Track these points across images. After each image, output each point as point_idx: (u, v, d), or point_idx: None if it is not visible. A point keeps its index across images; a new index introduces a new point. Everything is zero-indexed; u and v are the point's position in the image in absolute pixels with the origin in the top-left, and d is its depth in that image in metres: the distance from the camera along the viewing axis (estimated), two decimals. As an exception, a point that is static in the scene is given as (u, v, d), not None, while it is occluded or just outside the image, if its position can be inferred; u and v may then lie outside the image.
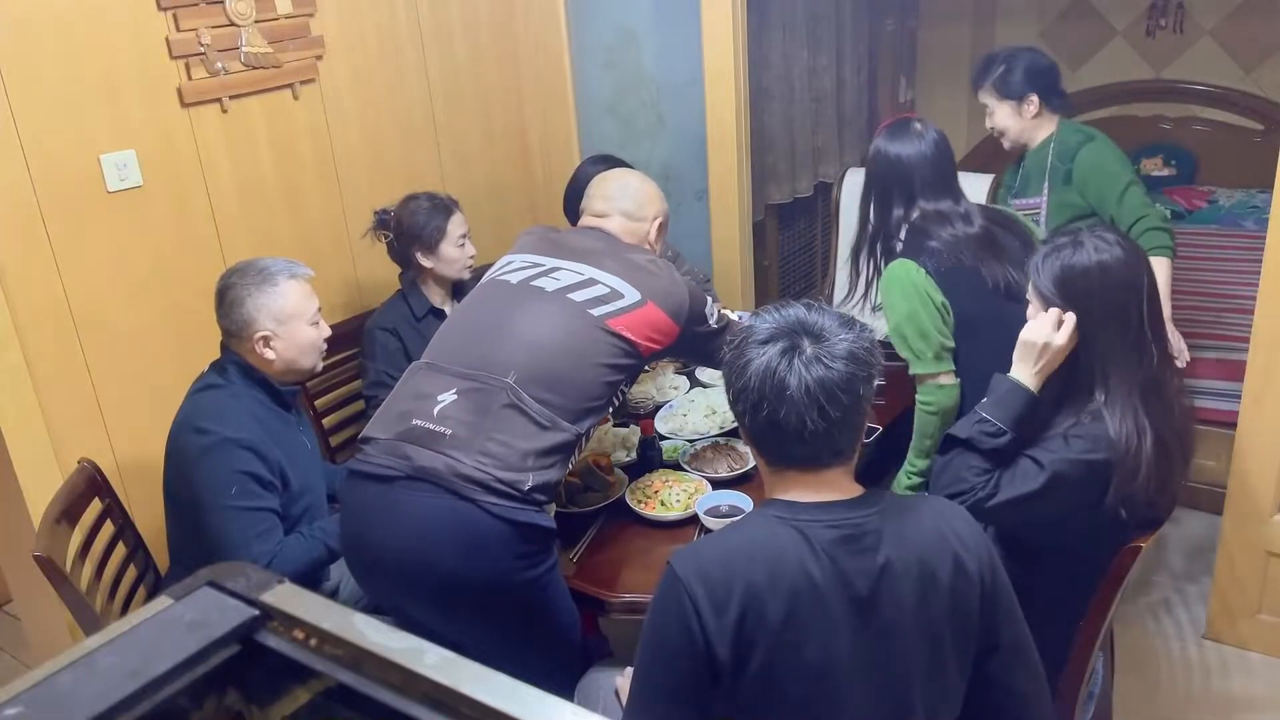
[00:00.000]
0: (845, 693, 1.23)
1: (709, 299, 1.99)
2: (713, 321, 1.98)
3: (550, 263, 1.89)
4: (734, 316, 2.46)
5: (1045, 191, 2.67)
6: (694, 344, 1.98)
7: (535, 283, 1.85)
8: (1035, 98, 2.64)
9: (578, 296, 1.81)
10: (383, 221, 2.57)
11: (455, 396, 1.72)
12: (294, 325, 1.95)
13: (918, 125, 2.16)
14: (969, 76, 2.84)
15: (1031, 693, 1.35)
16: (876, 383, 2.35)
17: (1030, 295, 1.76)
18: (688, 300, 1.89)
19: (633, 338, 1.81)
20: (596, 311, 1.79)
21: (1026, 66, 2.64)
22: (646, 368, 2.66)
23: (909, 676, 1.26)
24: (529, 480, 1.65)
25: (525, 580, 1.68)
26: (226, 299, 1.93)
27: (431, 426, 1.70)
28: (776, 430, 1.25)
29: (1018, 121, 2.67)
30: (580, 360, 1.76)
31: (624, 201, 2.03)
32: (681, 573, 1.23)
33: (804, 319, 1.28)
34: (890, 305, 2.08)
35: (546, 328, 1.78)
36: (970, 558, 1.28)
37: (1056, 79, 2.69)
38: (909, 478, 2.13)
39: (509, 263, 1.95)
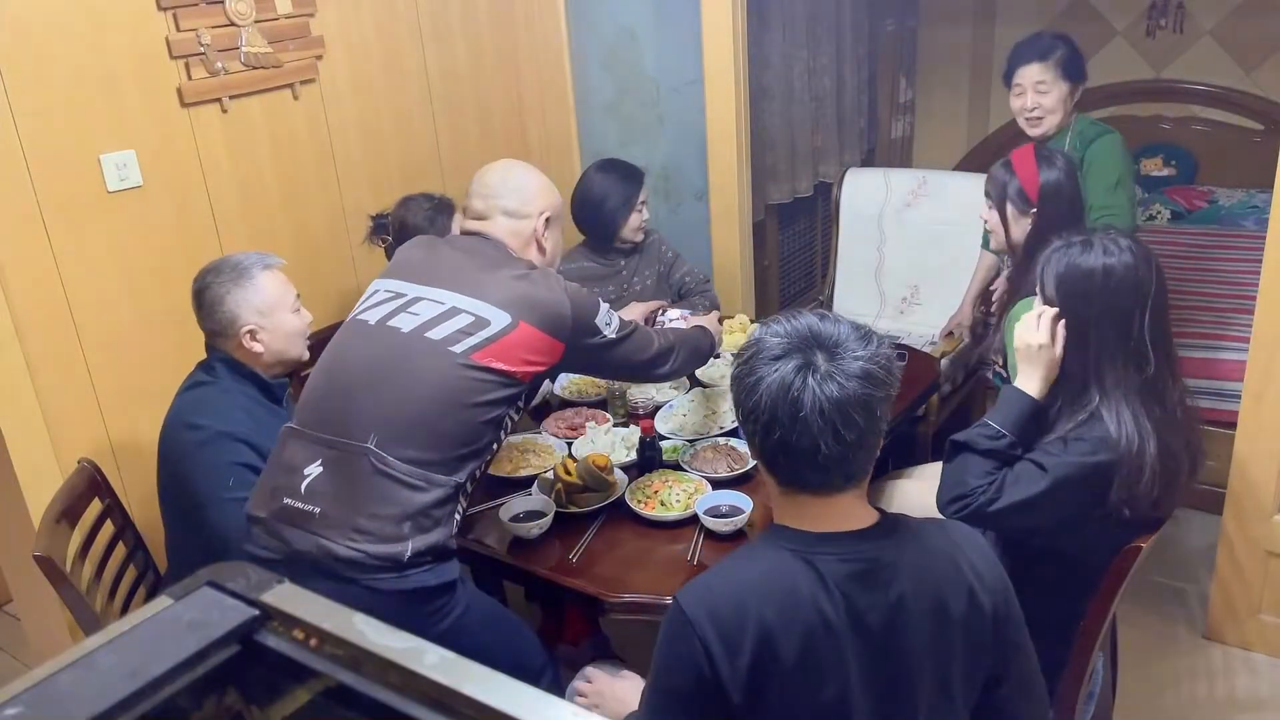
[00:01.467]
0: None
1: (603, 307, 1.84)
2: (610, 332, 1.82)
3: (413, 291, 1.76)
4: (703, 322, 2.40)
5: None
6: (588, 358, 1.84)
7: (392, 322, 1.72)
8: (1080, 87, 2.67)
9: (437, 333, 1.67)
10: (381, 226, 2.56)
11: (320, 469, 1.64)
12: (277, 315, 1.95)
13: (1049, 152, 2.20)
14: (967, 77, 2.84)
15: None
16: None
17: (1037, 287, 1.77)
18: (569, 311, 1.73)
19: (505, 367, 1.67)
20: (459, 347, 1.66)
21: (1079, 54, 2.65)
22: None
23: (916, 707, 1.23)
24: (408, 549, 1.58)
25: (438, 634, 1.61)
26: (205, 300, 1.93)
27: (301, 505, 1.63)
28: (789, 453, 1.18)
29: (1065, 105, 2.65)
30: (446, 406, 1.64)
31: (505, 198, 1.86)
32: (691, 613, 1.17)
33: (817, 330, 1.20)
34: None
35: (404, 378, 1.66)
36: (984, 590, 1.25)
37: None
38: None
39: (373, 293, 1.82)
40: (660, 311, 2.53)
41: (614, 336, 1.84)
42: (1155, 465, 1.62)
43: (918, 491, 2.32)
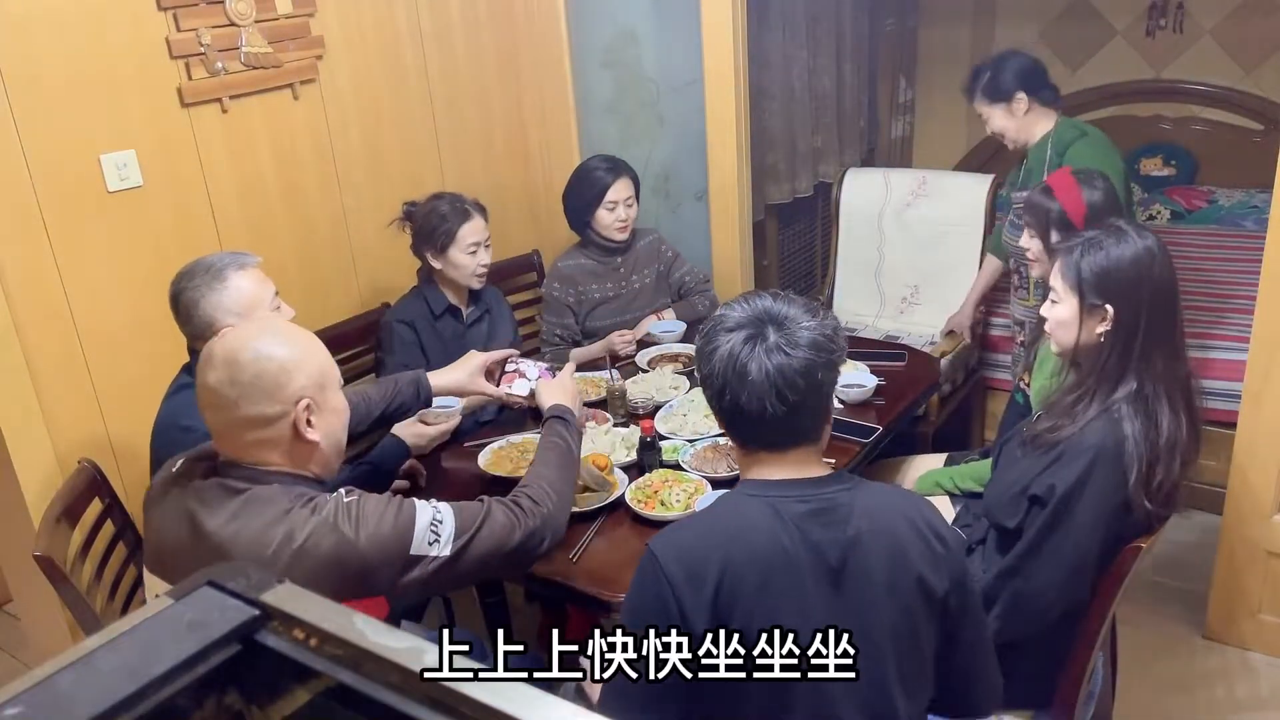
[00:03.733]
0: None
1: (421, 518, 1.44)
2: (442, 548, 1.43)
3: None
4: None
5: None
6: (429, 586, 1.47)
7: None
8: (1023, 95, 2.72)
9: None
10: (408, 214, 2.58)
11: None
12: (255, 315, 1.92)
13: (1087, 174, 2.22)
14: (967, 77, 2.86)
15: (985, 693, 1.41)
16: (871, 383, 2.35)
17: (1060, 293, 1.75)
18: (367, 558, 1.37)
19: None
20: None
21: (1010, 67, 2.73)
22: (646, 368, 2.66)
23: (883, 650, 1.29)
24: None
25: None
26: (181, 305, 1.91)
27: None
28: (739, 414, 1.30)
29: (1012, 121, 2.75)
30: None
31: (241, 407, 1.37)
32: (659, 553, 1.28)
33: (770, 308, 1.33)
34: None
35: None
36: (939, 542, 1.32)
37: (1042, 75, 2.76)
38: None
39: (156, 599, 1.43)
40: (508, 362, 2.16)
41: (450, 553, 1.44)
42: (1172, 459, 1.63)
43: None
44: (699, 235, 3.33)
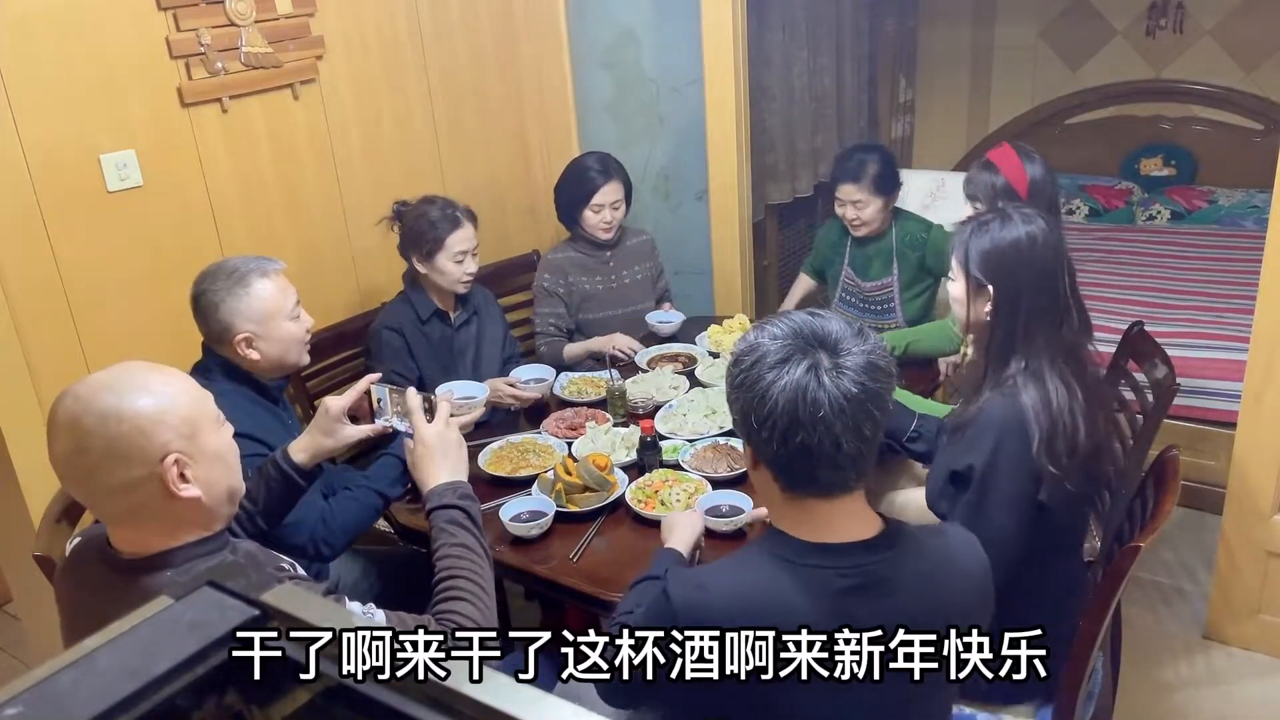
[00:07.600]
0: None
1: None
2: None
3: None
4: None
5: (895, 273, 2.92)
6: None
7: None
8: (896, 194, 2.86)
9: None
10: (398, 214, 2.56)
11: None
12: (273, 323, 1.92)
13: (1028, 149, 2.39)
14: (967, 77, 2.87)
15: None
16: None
17: (954, 271, 1.82)
18: None
19: None
20: None
21: (892, 164, 2.84)
22: (646, 368, 2.66)
23: (907, 713, 1.24)
24: None
25: None
26: (201, 306, 1.90)
27: None
28: (807, 456, 1.14)
29: (883, 215, 2.85)
30: None
31: (97, 476, 1.20)
32: (681, 613, 1.17)
33: (815, 328, 1.17)
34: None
35: None
36: (972, 605, 1.25)
37: None
38: None
39: None
40: (376, 406, 1.80)
41: None
42: (1079, 424, 1.65)
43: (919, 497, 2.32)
44: (699, 235, 3.34)
